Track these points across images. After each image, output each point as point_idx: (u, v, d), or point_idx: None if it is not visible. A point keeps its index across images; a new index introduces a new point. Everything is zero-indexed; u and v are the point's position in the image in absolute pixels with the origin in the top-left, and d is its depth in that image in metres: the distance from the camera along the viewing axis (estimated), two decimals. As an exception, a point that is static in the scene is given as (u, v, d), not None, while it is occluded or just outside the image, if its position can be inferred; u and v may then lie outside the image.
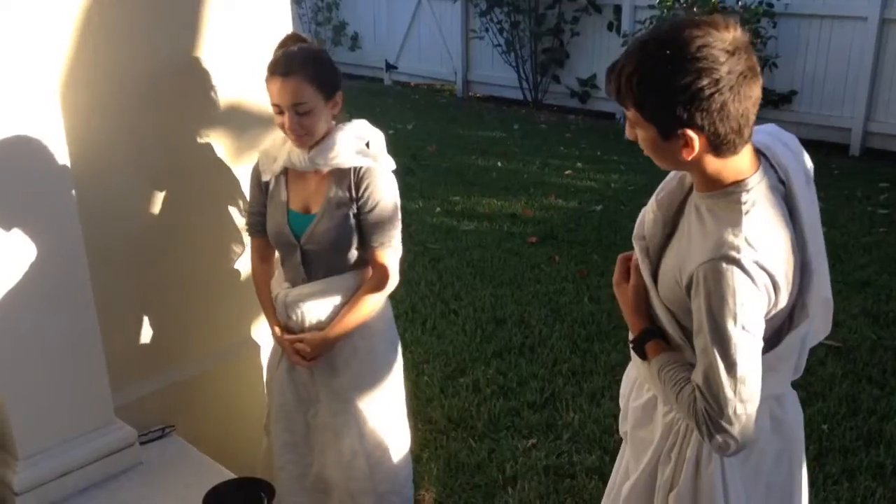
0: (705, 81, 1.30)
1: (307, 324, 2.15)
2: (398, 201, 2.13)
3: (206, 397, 2.55)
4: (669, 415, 1.61)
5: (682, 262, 1.44)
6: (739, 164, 1.42)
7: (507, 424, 3.21)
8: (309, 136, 2.03)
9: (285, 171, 2.14)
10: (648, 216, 1.60)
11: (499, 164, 6.94)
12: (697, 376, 1.42)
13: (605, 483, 2.85)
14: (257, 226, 2.24)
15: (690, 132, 1.34)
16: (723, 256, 1.35)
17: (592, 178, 6.46)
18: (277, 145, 2.16)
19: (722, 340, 1.36)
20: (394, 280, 2.16)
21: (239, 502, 2.05)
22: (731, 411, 1.39)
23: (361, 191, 2.05)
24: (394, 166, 2.13)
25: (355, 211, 2.07)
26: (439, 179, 6.50)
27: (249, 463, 2.46)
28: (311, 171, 2.09)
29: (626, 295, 1.61)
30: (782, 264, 1.40)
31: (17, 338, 1.94)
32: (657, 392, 1.62)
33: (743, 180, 1.42)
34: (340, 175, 2.06)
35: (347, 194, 2.05)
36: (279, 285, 2.21)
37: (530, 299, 4.26)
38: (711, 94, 1.30)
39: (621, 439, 2.99)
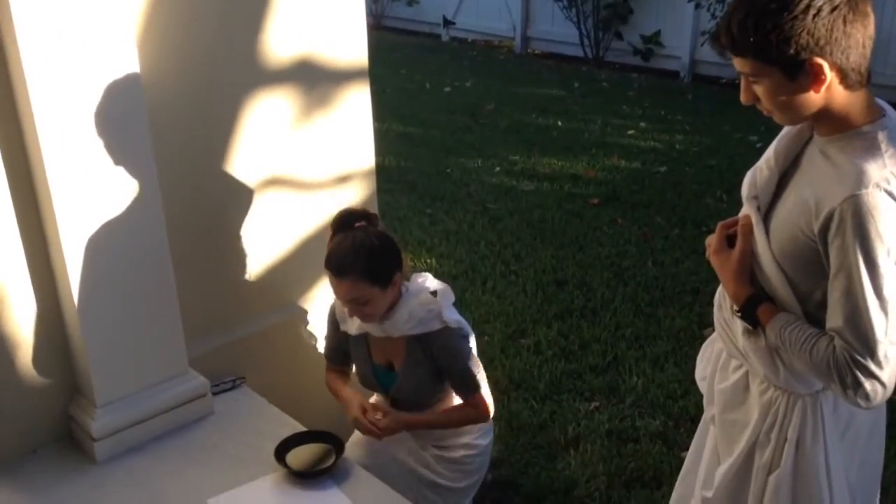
0: (821, 1, 1.27)
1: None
2: (473, 351, 2.18)
3: (276, 351, 2.58)
4: (766, 394, 1.56)
5: (809, 207, 1.38)
6: (867, 101, 1.39)
7: (568, 387, 3.19)
8: (372, 318, 2.09)
9: None
10: (762, 174, 1.54)
11: (559, 123, 6.82)
12: (837, 322, 1.36)
13: (668, 448, 2.85)
14: (335, 358, 2.33)
15: (818, 59, 1.31)
16: (870, 188, 1.30)
17: (656, 139, 6.31)
18: None
19: (874, 276, 1.31)
20: (491, 410, 2.21)
21: (310, 454, 2.09)
22: (882, 353, 1.33)
23: (435, 354, 2.12)
24: (460, 320, 2.16)
25: (435, 367, 2.14)
26: (498, 138, 6.42)
27: (317, 416, 2.48)
28: None
29: (729, 262, 1.55)
30: None
31: (99, 290, 1.98)
32: (756, 364, 1.55)
33: (873, 120, 1.38)
34: (414, 338, 2.11)
35: (423, 355, 2.13)
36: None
37: (592, 262, 4.20)
38: (833, 17, 1.28)
39: (686, 405, 3.00)
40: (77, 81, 1.83)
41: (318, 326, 2.65)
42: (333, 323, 2.28)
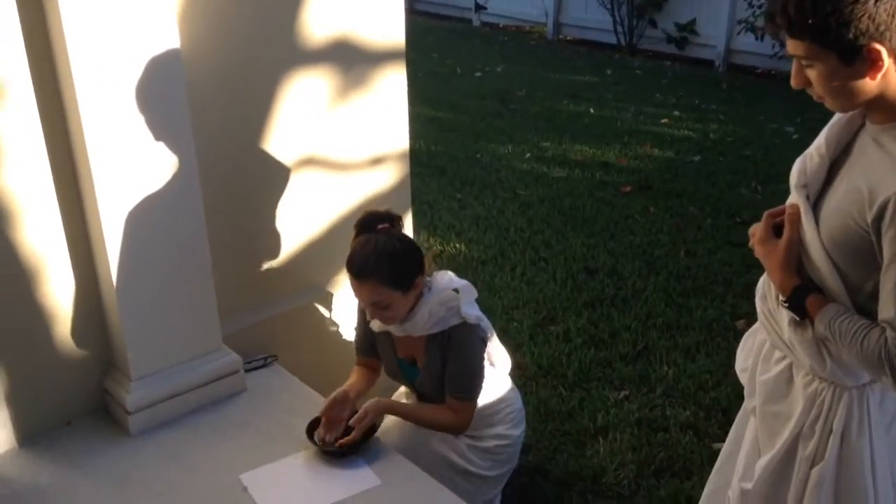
0: None
1: None
2: (483, 356, 2.17)
3: (307, 331, 2.59)
4: (811, 386, 1.53)
5: (862, 196, 1.35)
6: None
7: (598, 375, 3.17)
8: (392, 320, 2.09)
9: None
10: (812, 161, 1.50)
11: (591, 110, 6.76)
12: (889, 313, 1.33)
13: (699, 438, 2.82)
14: (363, 349, 2.33)
15: (877, 45, 1.27)
16: None
17: (690, 128, 6.22)
18: None
19: None
20: (468, 426, 2.17)
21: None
22: None
23: (447, 348, 2.11)
24: (480, 317, 2.15)
25: None
26: (529, 124, 6.38)
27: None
28: None
29: (775, 251, 1.52)
30: None
31: (137, 265, 2.00)
32: (802, 355, 1.52)
33: None
34: (433, 336, 2.11)
35: (443, 352, 2.12)
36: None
37: (623, 250, 4.16)
38: (895, 2, 1.24)
39: (717, 396, 2.97)
40: (118, 57, 1.84)
41: (344, 311, 2.65)
42: (362, 313, 2.28)
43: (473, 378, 2.13)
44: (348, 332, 2.65)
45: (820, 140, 1.51)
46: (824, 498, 1.53)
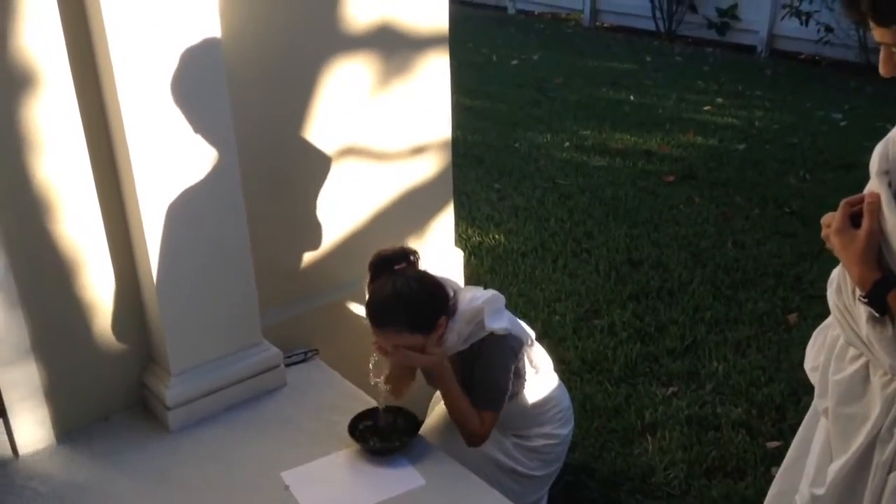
0: None
1: None
2: (510, 366, 2.04)
3: (348, 324, 2.53)
4: (890, 386, 1.42)
5: None
6: None
7: (644, 370, 3.07)
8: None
9: None
10: (894, 146, 1.39)
11: (631, 97, 6.61)
12: None
13: (752, 437, 2.71)
14: None
15: None
16: None
17: (734, 115, 6.06)
18: None
19: None
20: (486, 438, 2.05)
21: (387, 430, 2.03)
22: None
23: (475, 358, 2.02)
24: (508, 326, 2.03)
25: None
26: (567, 112, 6.26)
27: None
28: None
29: (854, 242, 1.41)
30: None
31: (177, 259, 1.95)
32: (881, 354, 1.42)
33: None
34: (463, 352, 2.03)
35: (472, 365, 2.04)
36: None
37: (668, 241, 4.04)
38: None
39: (770, 393, 2.85)
40: (158, 47, 1.78)
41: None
42: None
43: (495, 390, 2.03)
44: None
45: None
46: None
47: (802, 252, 3.86)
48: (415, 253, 2.05)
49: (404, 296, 1.91)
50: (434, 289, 1.98)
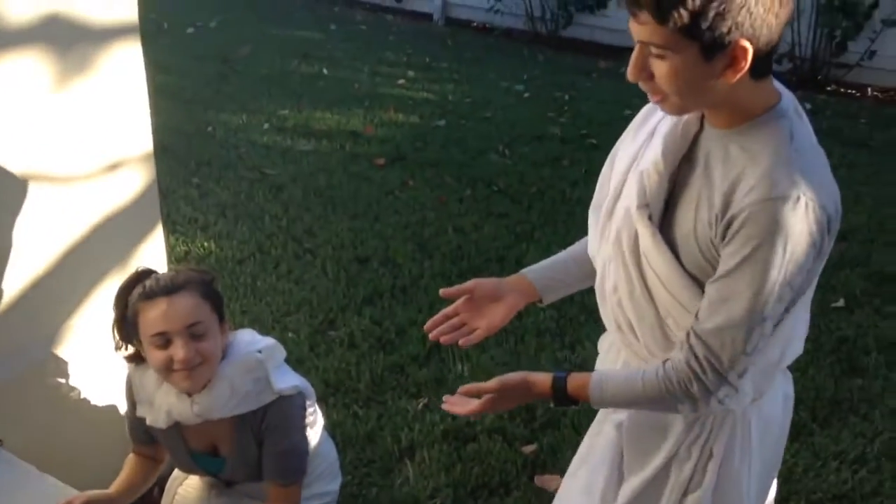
0: None
1: None
2: (304, 425, 1.80)
3: (35, 400, 1.98)
4: None
5: (712, 211, 1.21)
6: (771, 85, 1.22)
7: (392, 384, 2.88)
8: (206, 366, 1.61)
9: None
10: (651, 179, 1.30)
11: (324, 70, 6.33)
12: (706, 324, 1.21)
13: (509, 444, 2.66)
14: (137, 438, 1.82)
15: (745, 42, 1.11)
16: (776, 197, 1.13)
17: (427, 90, 6.07)
18: (149, 385, 1.70)
19: (761, 291, 1.16)
20: None
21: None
22: (741, 368, 1.22)
23: (263, 429, 1.71)
24: (297, 384, 1.76)
25: None
26: (261, 89, 5.80)
27: (104, 477, 1.93)
28: None
29: (512, 392, 1.40)
30: (835, 198, 1.20)
31: None
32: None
33: (776, 105, 1.21)
34: (242, 417, 1.70)
35: (255, 436, 1.72)
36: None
37: (392, 233, 3.87)
38: None
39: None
40: None
41: (84, 369, 2.08)
42: (131, 401, 1.78)
43: (300, 456, 1.74)
44: (99, 396, 2.08)
45: (654, 155, 1.31)
46: None
47: (517, 233, 3.93)
48: (153, 272, 1.70)
49: (192, 271, 1.70)
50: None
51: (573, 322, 3.26)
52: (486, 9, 7.66)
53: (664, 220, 1.30)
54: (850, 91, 6.43)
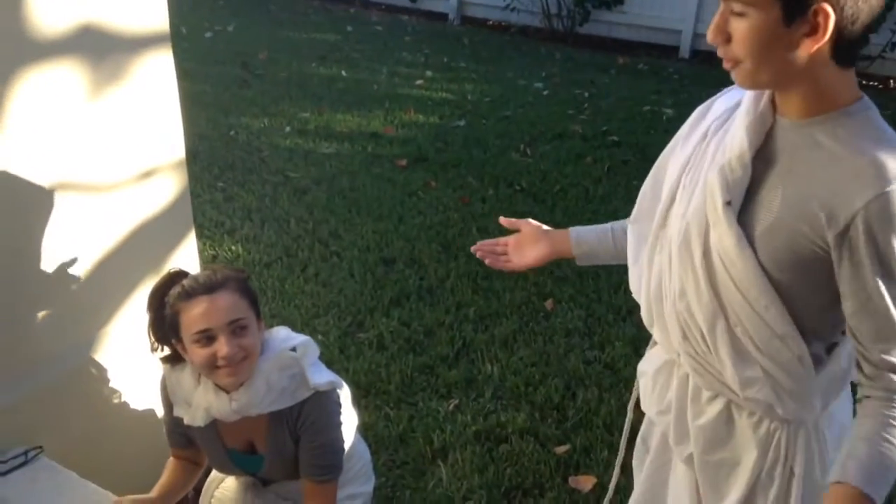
0: None
1: None
2: (339, 421, 1.79)
3: (78, 406, 2.00)
4: (762, 426, 1.34)
5: (813, 210, 1.16)
6: (854, 79, 1.19)
7: (422, 385, 2.89)
8: (249, 361, 1.63)
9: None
10: (734, 173, 1.25)
11: (343, 72, 6.35)
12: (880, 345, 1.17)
13: (541, 445, 2.65)
14: (175, 441, 1.84)
15: (827, 7, 1.07)
16: (891, 190, 1.10)
17: (446, 89, 6.07)
18: (186, 384, 1.72)
19: None
20: None
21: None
22: None
23: (300, 426, 1.72)
24: (332, 380, 1.77)
25: None
26: (280, 92, 5.82)
27: (144, 483, 1.95)
28: None
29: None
30: None
31: None
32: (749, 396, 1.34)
33: (863, 97, 1.18)
34: (278, 413, 1.71)
35: (294, 432, 1.73)
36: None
37: (416, 233, 3.88)
38: None
39: (548, 393, 2.83)
40: None
41: (121, 371, 2.09)
42: (168, 406, 1.80)
43: (336, 453, 1.75)
44: (137, 401, 2.10)
45: (741, 146, 1.27)
46: None
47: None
48: (186, 273, 1.72)
49: (226, 270, 1.69)
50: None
51: (602, 321, 3.25)
52: (502, 7, 7.66)
53: (739, 218, 1.25)
54: (872, 83, 6.37)
